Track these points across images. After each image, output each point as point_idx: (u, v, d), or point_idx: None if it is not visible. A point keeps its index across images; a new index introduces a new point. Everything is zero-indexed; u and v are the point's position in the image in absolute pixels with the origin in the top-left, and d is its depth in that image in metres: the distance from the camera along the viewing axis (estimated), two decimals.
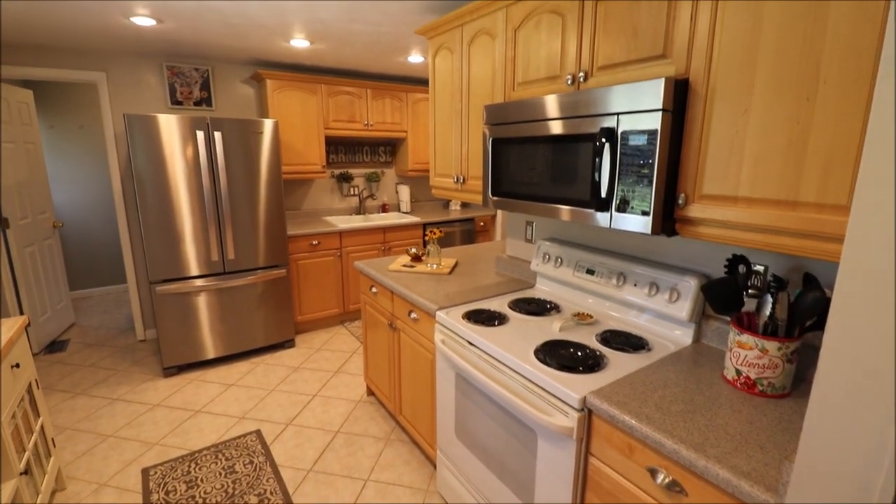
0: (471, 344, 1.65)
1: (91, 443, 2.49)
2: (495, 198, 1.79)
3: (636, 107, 1.24)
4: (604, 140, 1.30)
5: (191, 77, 3.65)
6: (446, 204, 5.15)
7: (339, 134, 4.02)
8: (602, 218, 1.36)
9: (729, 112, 1.13)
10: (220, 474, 2.24)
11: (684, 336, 1.55)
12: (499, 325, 1.70)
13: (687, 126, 1.22)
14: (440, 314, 1.82)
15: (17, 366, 1.78)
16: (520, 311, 1.82)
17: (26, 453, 1.77)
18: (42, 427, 2.01)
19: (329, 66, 3.88)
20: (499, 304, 1.91)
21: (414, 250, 2.56)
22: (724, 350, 1.48)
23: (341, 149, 4.42)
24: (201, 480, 2.20)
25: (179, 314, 3.13)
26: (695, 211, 1.23)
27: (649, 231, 1.24)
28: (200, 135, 2.98)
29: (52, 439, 2.09)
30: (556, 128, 1.49)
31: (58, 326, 3.93)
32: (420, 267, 2.45)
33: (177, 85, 3.62)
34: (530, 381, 1.38)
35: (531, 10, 1.66)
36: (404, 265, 2.48)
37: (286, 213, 4.24)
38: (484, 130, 1.79)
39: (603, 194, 1.33)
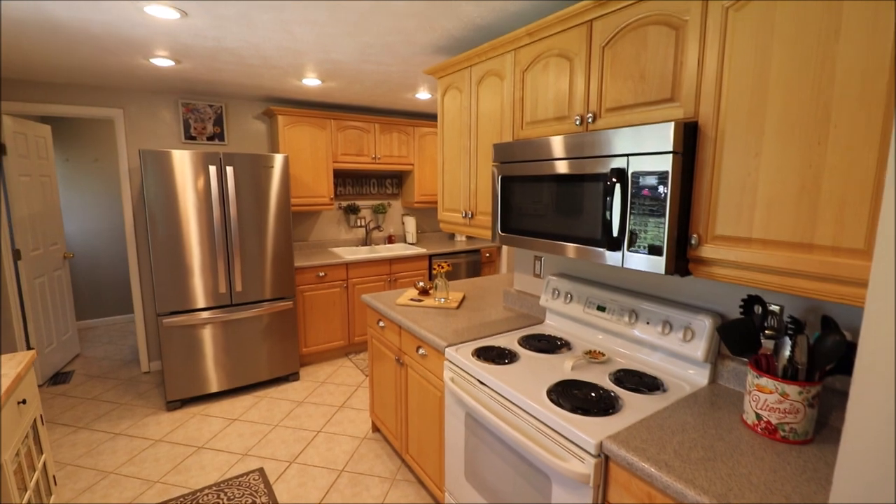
0: (481, 383, 1.63)
1: (91, 480, 2.44)
2: (504, 234, 1.80)
3: (647, 148, 1.26)
4: (614, 180, 1.31)
5: (205, 113, 3.76)
6: (452, 235, 5.18)
7: (348, 167, 4.09)
8: (613, 257, 1.36)
9: (740, 155, 1.14)
10: None
11: (699, 376, 1.52)
12: (509, 363, 1.67)
13: (698, 168, 1.23)
14: (449, 351, 1.80)
15: (24, 402, 1.76)
16: (530, 349, 1.80)
17: (28, 492, 1.73)
18: (45, 464, 1.97)
19: (338, 102, 3.99)
20: (508, 341, 1.89)
21: (422, 284, 2.56)
22: (742, 392, 1.45)
23: (349, 181, 4.49)
24: None
25: (185, 347, 3.12)
26: (708, 251, 1.23)
27: (662, 271, 1.24)
28: (213, 169, 3.04)
29: (54, 476, 2.04)
30: (566, 167, 1.51)
31: (63, 357, 3.91)
32: (428, 301, 2.44)
33: (191, 121, 3.72)
34: (544, 423, 1.35)
35: (539, 53, 1.72)
36: (412, 299, 2.48)
37: (293, 244, 4.27)
38: (493, 168, 1.82)
39: (614, 233, 1.34)
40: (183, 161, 2.94)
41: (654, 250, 1.26)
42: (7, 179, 3.22)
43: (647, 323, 1.63)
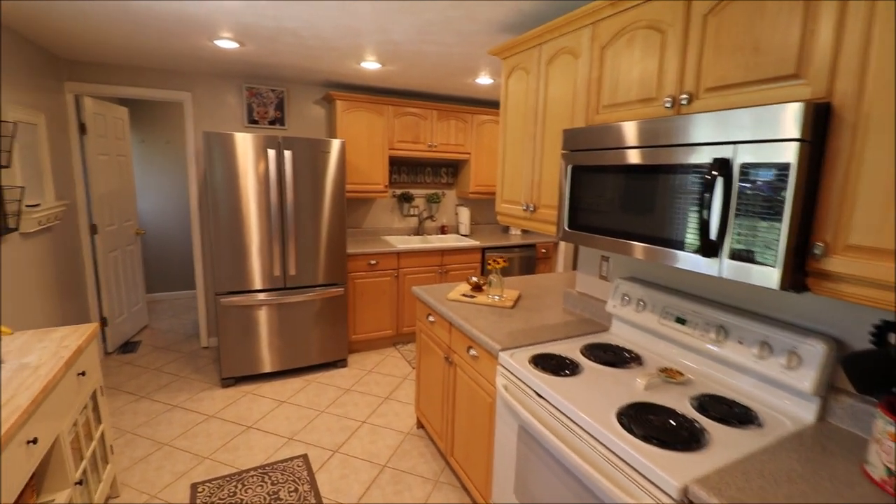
0: (538, 395, 1.47)
1: (148, 450, 2.53)
2: (572, 231, 1.61)
3: (760, 135, 1.03)
4: (715, 173, 1.09)
5: (267, 98, 3.80)
6: (506, 228, 4.98)
7: (403, 154, 4.01)
8: (709, 265, 1.15)
9: (891, 146, 0.90)
10: (265, 499, 2.17)
11: (804, 412, 1.27)
12: (571, 375, 1.50)
13: (829, 160, 0.99)
14: (503, 356, 1.65)
15: (83, 374, 1.81)
16: (594, 360, 1.61)
17: (84, 462, 1.78)
18: (102, 434, 2.04)
19: (396, 88, 3.90)
20: (569, 349, 1.71)
21: (475, 279, 2.42)
22: (863, 437, 1.19)
23: (404, 169, 4.41)
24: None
25: (240, 326, 3.18)
26: (836, 265, 0.99)
27: (775, 285, 1.02)
28: (272, 153, 3.05)
29: (111, 446, 2.12)
30: (650, 156, 1.30)
31: (132, 327, 4.15)
32: (481, 298, 2.29)
33: (254, 105, 3.77)
34: (613, 452, 1.17)
35: (623, 26, 1.50)
36: (464, 294, 2.34)
37: (346, 230, 4.26)
38: (561, 157, 1.63)
39: (712, 237, 1.12)
40: (244, 144, 2.97)
41: (764, 260, 1.04)
42: (87, 158, 3.41)
43: (740, 342, 1.39)
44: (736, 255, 1.08)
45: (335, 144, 3.24)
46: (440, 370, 2.29)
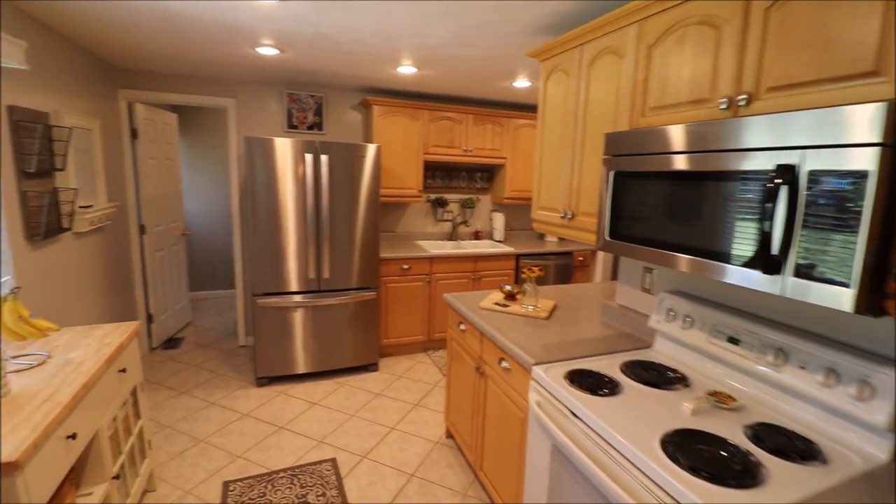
0: (574, 415, 1.38)
1: (184, 445, 2.60)
2: (613, 241, 1.52)
3: (833, 139, 0.92)
4: (780, 181, 0.99)
5: (306, 103, 3.87)
6: (542, 235, 4.87)
7: (438, 159, 3.99)
8: (769, 282, 1.04)
9: None
10: (293, 502, 2.17)
11: (876, 448, 1.13)
12: (610, 394, 1.41)
13: None
14: (537, 370, 1.58)
15: (124, 370, 1.87)
16: (635, 379, 1.51)
17: (122, 456, 1.84)
18: (141, 430, 2.10)
19: (432, 92, 3.88)
20: (608, 366, 1.61)
21: (508, 287, 2.35)
22: None
23: (438, 174, 4.39)
24: None
25: (276, 327, 3.23)
26: None
27: (849, 308, 0.90)
28: (309, 157, 3.09)
29: (149, 441, 2.18)
30: (702, 162, 1.20)
31: (176, 324, 4.31)
32: (514, 307, 2.22)
33: (294, 110, 3.85)
34: (657, 483, 1.08)
35: (673, 23, 1.40)
36: (497, 303, 2.28)
37: (380, 235, 4.28)
38: (603, 162, 1.54)
39: (774, 251, 1.02)
40: (283, 148, 3.03)
41: (836, 278, 0.92)
42: (138, 161, 3.57)
43: (802, 367, 1.26)
44: (802, 273, 0.97)
45: (370, 149, 3.25)
46: (470, 380, 2.23)
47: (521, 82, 3.34)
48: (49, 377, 1.52)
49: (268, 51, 2.69)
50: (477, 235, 4.55)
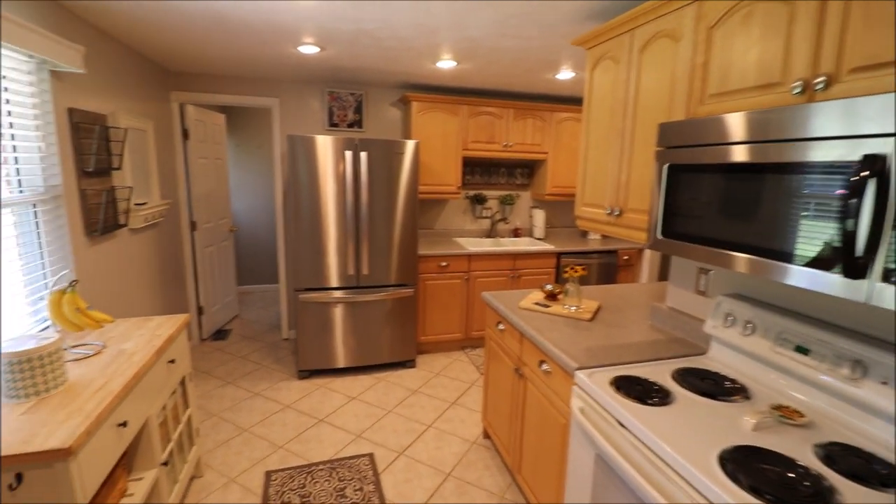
0: (621, 424, 1.30)
1: (230, 434, 2.69)
2: (667, 239, 1.41)
3: None
4: (866, 173, 0.87)
5: (347, 101, 3.91)
6: (584, 232, 4.70)
7: (477, 155, 3.92)
8: (852, 288, 0.92)
9: None
10: (332, 495, 2.20)
11: None
12: (660, 404, 1.31)
13: None
14: (580, 375, 1.50)
15: (173, 361, 1.94)
16: (689, 388, 1.40)
17: (170, 444, 1.91)
18: (189, 418, 2.18)
19: (472, 87, 3.82)
20: (658, 373, 1.51)
21: (549, 287, 2.26)
22: None
23: (477, 170, 4.33)
24: (314, 498, 2.18)
25: (316, 322, 3.29)
26: None
27: None
28: (349, 154, 3.11)
29: (197, 429, 2.26)
30: (770, 153, 1.08)
31: (224, 317, 4.49)
32: (556, 307, 2.14)
33: (334, 108, 3.90)
34: None
35: (737, 1, 1.28)
36: (537, 303, 2.20)
37: (418, 231, 4.27)
38: (656, 154, 1.44)
39: (858, 252, 0.90)
40: (324, 145, 3.06)
41: None
42: (189, 160, 3.73)
43: (884, 383, 1.12)
44: (892, 278, 0.85)
45: (409, 145, 3.24)
46: (509, 382, 2.17)
47: (565, 73, 3.22)
48: (103, 367, 1.59)
49: (309, 49, 2.72)
50: (516, 233, 4.45)
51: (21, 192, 1.88)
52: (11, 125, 1.81)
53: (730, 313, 1.56)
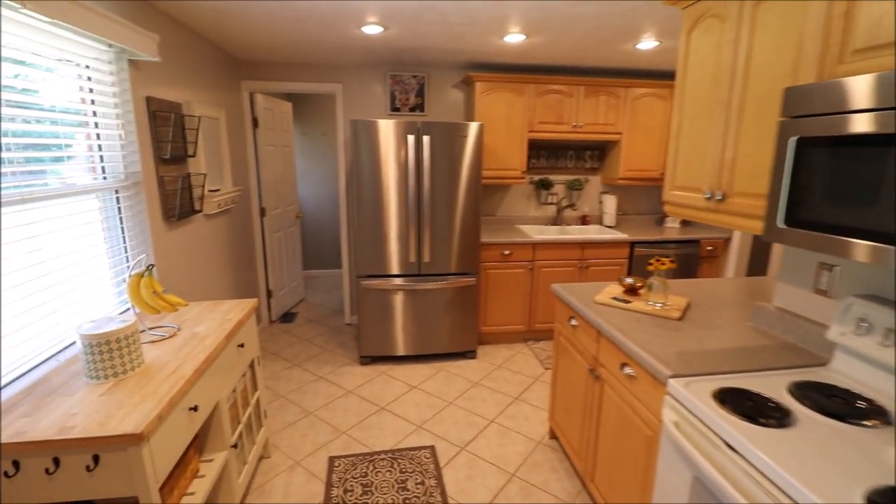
0: (729, 447, 1.10)
1: (296, 416, 2.74)
2: (789, 228, 1.17)
3: None
4: None
5: (409, 84, 3.82)
6: (661, 220, 4.33)
7: (544, 137, 3.69)
8: None
9: None
10: (393, 486, 2.16)
11: None
12: (779, 425, 1.10)
13: None
14: (675, 385, 1.31)
15: (242, 345, 1.97)
16: (811, 407, 1.17)
17: (240, 426, 1.94)
18: (258, 400, 2.23)
19: (539, 64, 3.58)
20: (770, 386, 1.28)
21: (629, 280, 2.05)
22: None
23: (543, 153, 4.09)
24: (375, 488, 2.16)
25: (378, 309, 3.28)
26: None
27: None
28: (411, 139, 3.02)
29: (265, 411, 2.31)
30: None
31: (291, 300, 4.64)
32: (637, 303, 1.93)
33: (396, 92, 3.83)
34: None
35: None
36: (615, 298, 2.00)
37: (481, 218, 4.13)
38: (779, 126, 1.20)
39: None
40: (386, 130, 3.00)
41: None
42: (258, 148, 3.83)
43: None
44: None
45: (472, 127, 3.09)
46: (582, 382, 2.00)
47: (647, 43, 2.91)
48: (177, 349, 1.62)
49: (373, 29, 2.64)
50: (584, 220, 4.18)
51: (105, 178, 1.96)
52: (95, 114, 1.89)
53: (863, 318, 1.29)
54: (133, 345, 1.44)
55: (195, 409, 1.46)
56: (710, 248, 3.80)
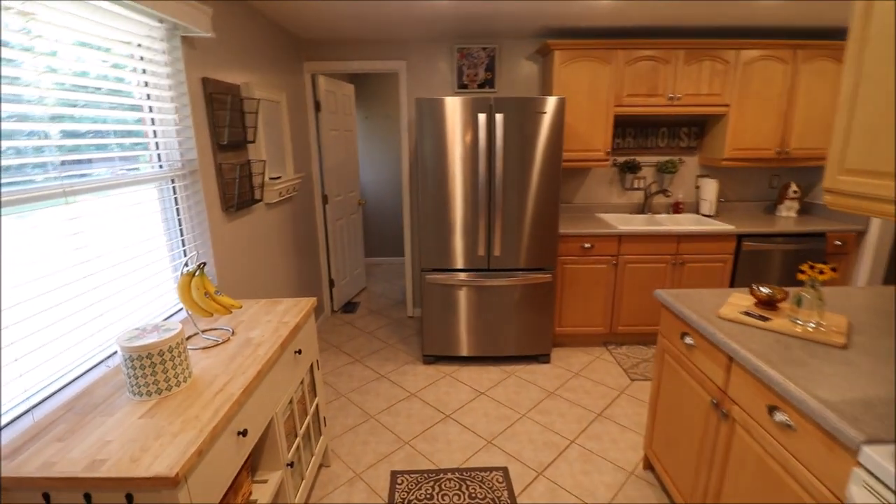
0: None
1: (357, 419, 2.58)
2: None
3: None
4: None
5: (478, 58, 3.47)
6: (772, 207, 3.69)
7: (632, 112, 3.20)
8: None
9: None
10: None
11: None
12: None
13: None
14: (875, 457, 0.91)
15: (299, 352, 1.78)
16: None
17: (297, 439, 1.77)
18: (316, 407, 2.05)
19: (632, 26, 3.07)
20: None
21: (766, 290, 1.61)
22: None
23: (629, 131, 3.59)
24: None
25: (442, 305, 3.03)
26: None
27: None
28: (482, 118, 2.69)
29: (324, 418, 2.14)
30: None
31: (353, 289, 4.53)
32: (778, 321, 1.50)
33: (464, 67, 3.49)
34: None
35: None
36: (746, 312, 1.58)
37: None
38: None
39: None
40: (454, 108, 2.69)
41: None
42: (321, 133, 3.67)
43: None
44: None
45: (551, 102, 2.70)
46: (699, 415, 1.61)
47: None
48: (229, 359, 1.45)
49: None
50: (677, 208, 3.65)
51: (161, 166, 1.83)
52: (149, 97, 1.74)
53: None
54: (178, 357, 1.27)
55: (244, 433, 1.27)
56: (838, 242, 3.15)
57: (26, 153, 1.24)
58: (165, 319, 1.77)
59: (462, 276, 2.97)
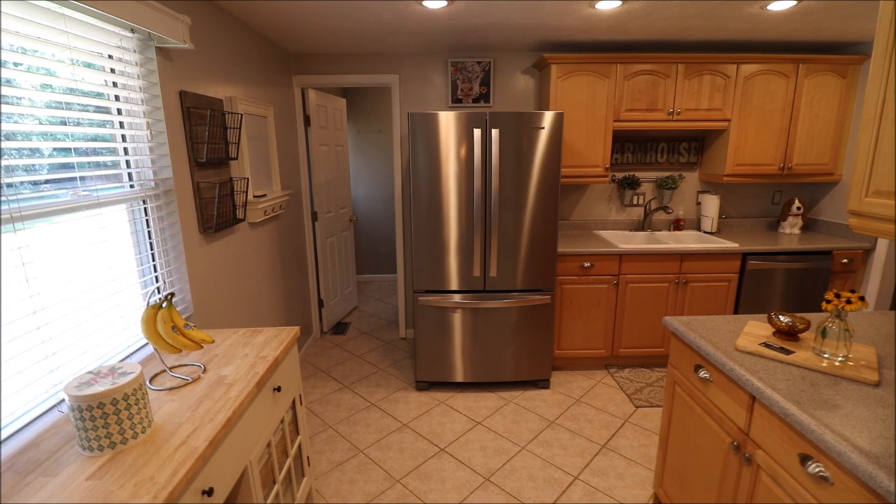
0: None
1: (344, 455, 2.41)
2: None
3: None
4: None
5: (472, 72, 3.38)
6: (775, 224, 3.60)
7: (631, 127, 3.12)
8: None
9: None
10: None
11: None
12: None
13: None
14: None
15: (279, 389, 1.63)
16: None
17: (276, 485, 1.61)
18: (299, 447, 1.89)
19: (631, 40, 3.00)
20: None
21: (785, 319, 1.49)
22: None
23: (629, 146, 3.51)
24: None
25: (436, 328, 2.88)
26: None
27: None
28: (477, 133, 2.59)
29: (308, 458, 1.97)
30: None
31: (344, 309, 4.37)
32: (802, 354, 1.37)
33: (458, 81, 3.40)
34: None
35: None
36: (766, 344, 1.45)
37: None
38: None
39: None
40: (448, 123, 2.58)
41: None
42: (310, 148, 3.55)
43: None
44: None
45: (549, 117, 2.60)
46: (717, 456, 1.47)
47: (785, 2, 2.27)
48: (196, 403, 1.29)
49: (435, 3, 2.22)
50: (677, 225, 3.55)
51: (132, 186, 1.69)
52: (120, 111, 1.61)
53: None
54: (136, 404, 1.12)
55: (209, 492, 1.12)
56: (844, 260, 3.05)
57: None
58: (131, 354, 1.62)
59: (457, 297, 2.83)
